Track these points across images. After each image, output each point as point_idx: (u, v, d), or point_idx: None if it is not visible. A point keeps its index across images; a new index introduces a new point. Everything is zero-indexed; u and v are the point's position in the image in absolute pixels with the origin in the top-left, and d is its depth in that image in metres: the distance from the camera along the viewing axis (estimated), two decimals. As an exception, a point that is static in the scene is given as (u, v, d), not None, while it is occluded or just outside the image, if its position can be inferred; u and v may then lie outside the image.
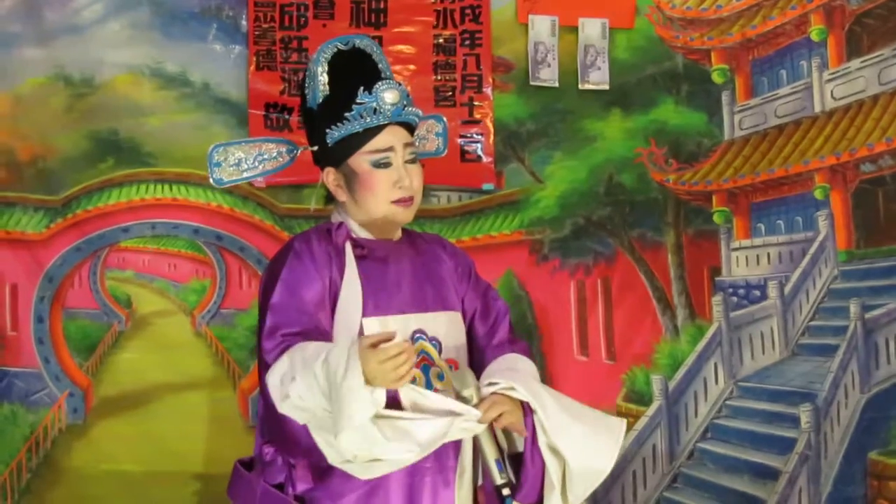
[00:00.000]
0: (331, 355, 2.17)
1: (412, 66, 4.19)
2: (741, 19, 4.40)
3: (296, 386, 2.20)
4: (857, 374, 4.11)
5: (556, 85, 4.34)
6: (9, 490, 4.00)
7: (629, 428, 4.23)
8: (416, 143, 2.66)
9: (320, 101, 2.52)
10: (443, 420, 2.25)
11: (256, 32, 4.12)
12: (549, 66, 4.32)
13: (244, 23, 4.15)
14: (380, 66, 2.59)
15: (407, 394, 2.24)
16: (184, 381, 4.14)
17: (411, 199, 2.50)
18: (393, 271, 2.52)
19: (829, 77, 4.21)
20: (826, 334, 4.21)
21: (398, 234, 2.63)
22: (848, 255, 4.17)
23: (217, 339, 4.19)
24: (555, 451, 2.36)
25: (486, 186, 4.19)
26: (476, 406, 2.32)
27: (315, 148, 2.56)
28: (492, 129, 4.22)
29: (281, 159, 2.70)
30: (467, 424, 2.29)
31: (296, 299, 2.39)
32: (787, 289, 4.31)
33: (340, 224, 2.55)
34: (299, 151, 2.68)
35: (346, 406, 2.11)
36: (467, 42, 4.22)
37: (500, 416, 2.33)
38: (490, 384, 2.38)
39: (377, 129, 2.46)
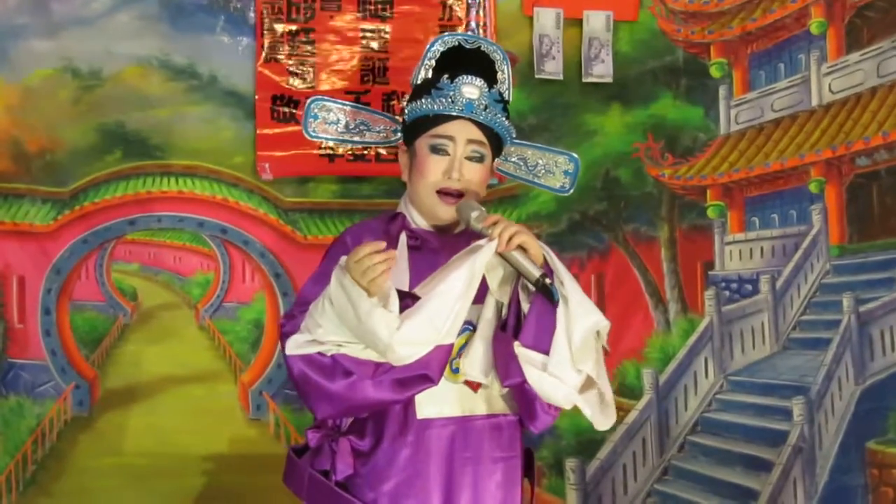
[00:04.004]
0: (331, 286, 2.38)
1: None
2: (742, 12, 4.59)
3: (321, 328, 2.40)
4: (851, 366, 4.27)
5: (561, 77, 4.52)
6: (14, 481, 4.16)
7: (619, 421, 4.49)
8: (532, 168, 2.91)
9: (419, 81, 2.71)
10: (463, 267, 2.40)
11: (264, 24, 4.30)
12: (553, 58, 4.51)
13: (252, 15, 4.32)
14: (499, 74, 2.74)
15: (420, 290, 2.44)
16: (187, 374, 4.33)
17: (457, 193, 2.61)
18: (445, 263, 2.55)
19: (828, 70, 4.38)
20: (817, 328, 4.41)
21: (460, 227, 2.68)
22: (840, 250, 4.35)
23: (219, 333, 4.39)
24: (563, 298, 2.44)
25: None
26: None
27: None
28: (494, 124, 4.49)
29: (385, 135, 2.86)
30: (487, 252, 2.42)
31: (322, 291, 2.49)
32: (779, 283, 4.52)
33: (397, 214, 2.71)
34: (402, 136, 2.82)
35: (370, 332, 2.33)
36: (473, 34, 4.20)
37: (512, 237, 2.42)
38: None
39: (447, 118, 2.62)
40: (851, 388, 4.31)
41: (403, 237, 2.66)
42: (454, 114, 2.63)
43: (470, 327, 2.58)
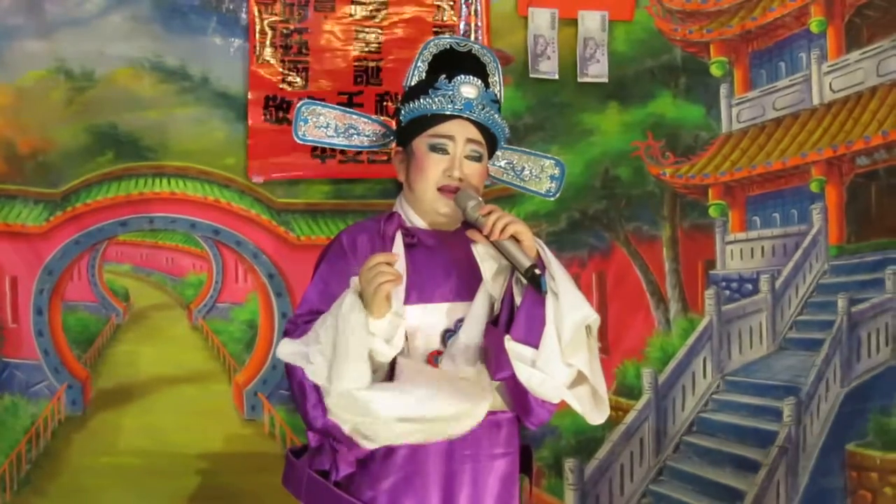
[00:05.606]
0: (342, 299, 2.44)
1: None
2: (741, 11, 4.59)
3: (316, 345, 2.45)
4: (839, 368, 4.31)
5: (556, 77, 4.53)
6: (8, 481, 4.20)
7: (618, 421, 4.56)
8: (520, 173, 2.99)
9: (412, 83, 2.77)
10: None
11: (256, 25, 4.31)
12: (548, 58, 4.52)
13: (244, 16, 4.33)
14: (490, 76, 2.80)
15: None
16: (180, 374, 4.35)
17: (457, 189, 2.65)
18: (441, 260, 2.66)
19: (828, 69, 4.39)
20: (813, 329, 4.44)
21: (456, 225, 2.73)
22: (839, 250, 4.36)
23: (213, 333, 4.41)
24: (554, 293, 2.47)
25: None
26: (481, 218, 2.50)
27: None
28: (489, 124, 4.50)
29: (374, 139, 2.91)
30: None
31: (326, 296, 2.57)
32: (779, 283, 4.52)
33: (392, 214, 2.75)
34: (393, 140, 2.86)
35: (343, 341, 2.37)
36: (467, 34, 4.41)
37: (506, 226, 2.46)
38: None
39: (445, 117, 2.67)
40: (837, 391, 4.35)
41: (399, 236, 2.69)
42: (454, 113, 2.67)
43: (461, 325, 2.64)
